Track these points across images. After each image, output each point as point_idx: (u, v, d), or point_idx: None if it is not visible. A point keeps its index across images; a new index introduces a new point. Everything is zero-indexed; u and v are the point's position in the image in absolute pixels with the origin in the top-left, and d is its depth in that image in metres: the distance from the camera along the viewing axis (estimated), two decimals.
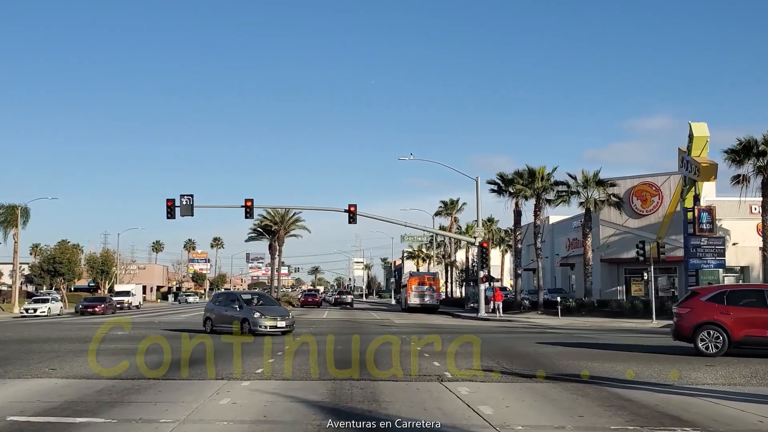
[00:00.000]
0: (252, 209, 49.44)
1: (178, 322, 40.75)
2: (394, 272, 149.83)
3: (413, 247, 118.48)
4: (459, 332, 30.04)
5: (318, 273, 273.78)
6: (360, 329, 32.82)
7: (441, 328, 34.03)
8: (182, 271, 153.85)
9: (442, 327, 35.62)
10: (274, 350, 18.99)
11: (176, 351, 19.25)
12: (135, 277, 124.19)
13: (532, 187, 51.96)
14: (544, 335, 28.34)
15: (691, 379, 13.82)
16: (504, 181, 54.29)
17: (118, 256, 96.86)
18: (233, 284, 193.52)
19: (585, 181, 49.79)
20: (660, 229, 52.29)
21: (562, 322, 42.05)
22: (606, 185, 50.01)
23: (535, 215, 52.87)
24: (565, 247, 64.59)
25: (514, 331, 31.88)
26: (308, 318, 46.76)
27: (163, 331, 30.94)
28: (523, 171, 52.71)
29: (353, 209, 49.62)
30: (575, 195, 50.82)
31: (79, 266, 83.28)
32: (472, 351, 19.45)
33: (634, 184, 53.94)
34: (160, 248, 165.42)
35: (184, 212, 48.99)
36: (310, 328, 33.33)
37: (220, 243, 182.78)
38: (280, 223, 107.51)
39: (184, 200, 49.04)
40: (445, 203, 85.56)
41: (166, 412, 9.82)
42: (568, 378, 13.61)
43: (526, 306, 52.25)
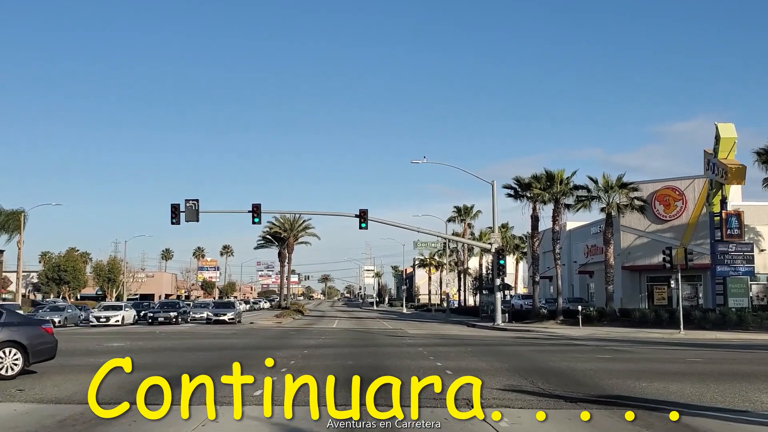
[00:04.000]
0: (259, 214, 47.61)
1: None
2: (405, 280, 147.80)
3: (423, 255, 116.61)
4: (480, 344, 28.05)
5: (328, 281, 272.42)
6: (373, 341, 30.83)
7: (459, 340, 32.05)
8: (191, 279, 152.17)
9: (460, 338, 33.63)
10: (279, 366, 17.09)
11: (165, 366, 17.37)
12: (143, 285, 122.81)
13: (551, 192, 49.90)
14: (572, 347, 26.34)
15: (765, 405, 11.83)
16: (521, 185, 52.25)
17: (125, 263, 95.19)
18: (243, 292, 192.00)
19: (606, 185, 47.68)
20: (684, 235, 50.14)
21: (584, 332, 40.02)
22: (629, 189, 47.90)
23: (553, 220, 50.81)
24: (584, 254, 62.46)
25: (537, 342, 29.85)
26: (317, 328, 44.81)
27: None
28: (541, 175, 50.68)
29: (364, 214, 47.75)
30: (596, 200, 48.72)
31: (85, 274, 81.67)
32: (501, 367, 17.49)
33: (657, 188, 51.83)
34: (170, 256, 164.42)
35: (189, 217, 47.24)
36: (318, 339, 31.28)
37: (229, 251, 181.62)
38: (289, 230, 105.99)
39: (189, 205, 47.28)
40: (459, 209, 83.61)
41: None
42: (620, 402, 11.65)
43: (544, 315, 50.13)
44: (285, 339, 31.33)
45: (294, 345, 26.11)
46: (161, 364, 17.69)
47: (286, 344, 26.71)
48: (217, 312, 47.74)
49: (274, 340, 30.36)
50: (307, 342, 28.79)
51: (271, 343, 28.03)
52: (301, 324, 51.44)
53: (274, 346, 25.86)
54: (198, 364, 18.16)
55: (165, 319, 46.36)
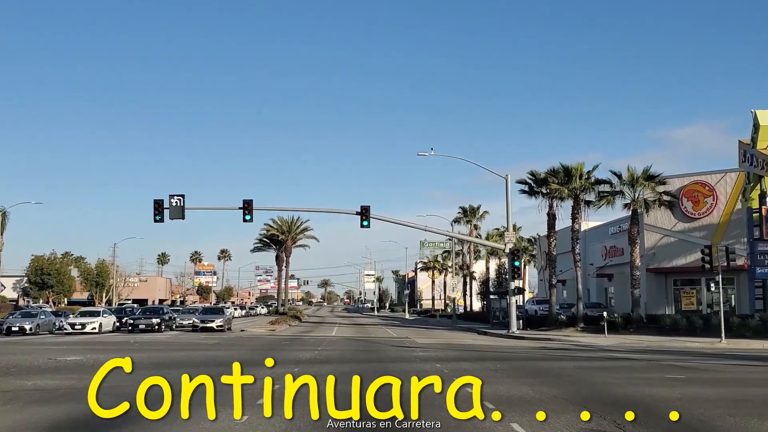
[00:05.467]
0: (251, 211, 43.32)
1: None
2: (407, 284, 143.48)
3: (427, 258, 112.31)
4: (507, 357, 23.74)
5: (328, 286, 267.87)
6: (378, 353, 26.49)
7: (478, 352, 27.74)
8: (186, 284, 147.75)
9: (478, 350, 29.32)
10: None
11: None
12: (135, 290, 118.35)
13: (569, 187, 45.66)
14: (619, 363, 22.09)
15: None
16: (536, 181, 48.02)
17: (114, 267, 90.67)
18: (240, 297, 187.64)
19: (632, 178, 43.40)
20: (715, 234, 45.79)
21: (612, 340, 35.79)
22: (656, 182, 43.61)
23: (573, 218, 46.54)
24: (601, 256, 58.11)
25: (573, 356, 25.48)
26: (314, 337, 40.45)
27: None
28: (558, 169, 46.45)
29: (366, 211, 43.51)
30: (619, 195, 44.49)
31: (71, 278, 77.27)
32: (555, 395, 13.19)
33: (684, 183, 47.45)
34: (166, 260, 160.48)
35: (173, 214, 42.98)
36: (314, 351, 26.90)
37: (227, 255, 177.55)
38: (287, 233, 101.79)
39: (173, 201, 43.04)
40: (464, 210, 79.29)
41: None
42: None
43: (562, 321, 45.78)
44: (275, 351, 27.03)
45: (284, 360, 21.79)
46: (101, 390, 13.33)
47: (274, 358, 22.28)
48: (204, 318, 43.40)
49: (262, 352, 25.97)
50: (300, 355, 24.47)
51: (256, 356, 23.62)
52: (297, 332, 47.15)
53: (258, 361, 21.32)
54: (155, 394, 13.86)
55: (146, 326, 42.02)
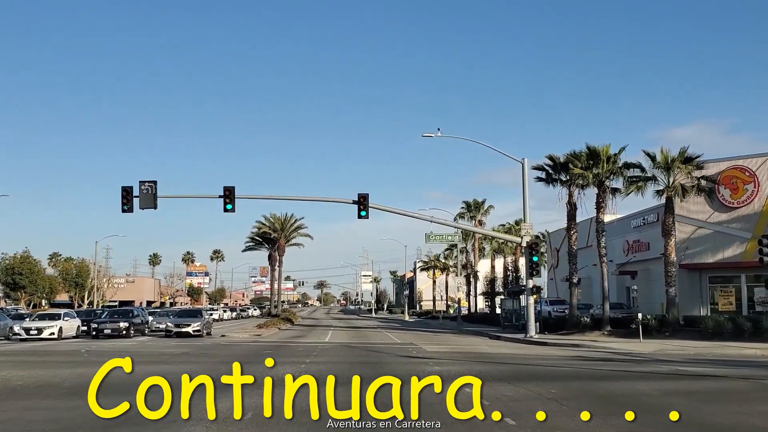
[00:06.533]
0: (233, 199, 38.05)
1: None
2: (406, 285, 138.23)
3: (429, 256, 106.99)
4: (548, 375, 18.45)
5: (324, 287, 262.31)
6: (382, 368, 21.12)
7: (504, 363, 22.45)
8: (176, 285, 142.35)
9: (502, 359, 24.02)
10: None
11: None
12: (121, 291, 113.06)
13: (593, 172, 40.44)
14: (702, 382, 16.89)
15: None
16: (555, 167, 42.81)
17: (95, 266, 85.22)
18: (234, 299, 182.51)
19: (666, 161, 38.19)
20: (756, 226, 40.61)
21: (650, 347, 30.60)
22: (693, 166, 38.40)
23: (597, 208, 41.25)
24: (623, 251, 52.82)
25: (630, 372, 20.20)
26: (303, 344, 35.05)
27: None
28: (581, 152, 41.21)
29: (364, 200, 38.30)
30: (651, 181, 39.27)
31: (45, 278, 71.79)
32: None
33: (721, 169, 42.07)
34: (158, 261, 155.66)
35: (144, 203, 37.73)
36: (300, 365, 21.53)
37: (220, 256, 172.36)
38: (280, 231, 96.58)
39: (144, 188, 37.77)
40: (468, 204, 74.18)
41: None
42: None
43: (585, 324, 40.50)
44: (251, 364, 21.57)
45: (257, 378, 16.36)
46: None
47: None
48: (178, 322, 37.97)
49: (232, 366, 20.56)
50: (281, 371, 19.00)
51: (225, 371, 18.23)
52: (287, 336, 41.84)
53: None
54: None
55: (112, 330, 36.70)
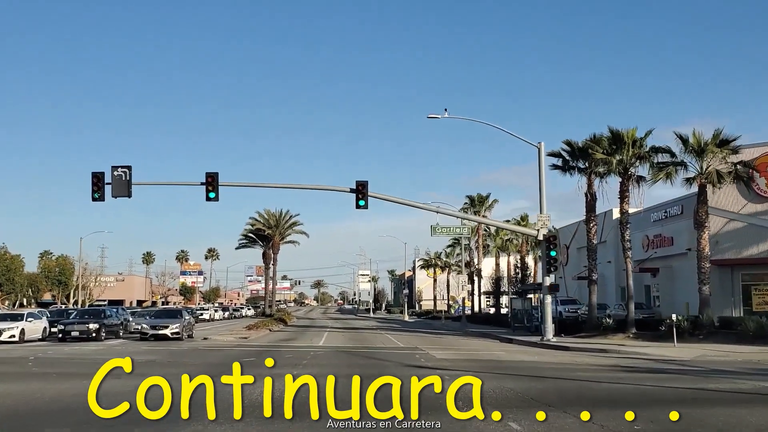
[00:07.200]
0: (216, 187, 34.07)
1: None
2: (405, 284, 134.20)
3: (428, 256, 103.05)
4: (608, 397, 14.47)
5: (321, 287, 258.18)
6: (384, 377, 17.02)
7: (535, 376, 18.48)
8: (169, 284, 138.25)
9: (531, 371, 20.03)
10: None
11: None
12: (110, 290, 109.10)
13: (617, 158, 36.48)
14: None
15: None
16: (572, 153, 38.86)
17: (80, 264, 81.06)
18: (229, 298, 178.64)
19: (699, 145, 34.25)
20: None
21: (688, 352, 26.69)
22: (728, 150, 34.43)
23: (621, 198, 37.21)
24: (642, 247, 48.90)
25: (699, 394, 16.24)
26: (293, 349, 30.79)
27: None
28: (601, 137, 37.22)
29: (362, 187, 34.36)
30: (681, 167, 35.34)
31: (23, 275, 67.70)
32: None
33: (755, 156, 38.12)
34: (151, 260, 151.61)
35: (117, 191, 33.82)
36: (281, 382, 17.33)
37: (215, 254, 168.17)
38: (274, 227, 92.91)
39: (117, 174, 33.80)
40: (472, 199, 70.28)
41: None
42: None
43: (608, 326, 36.51)
44: (225, 375, 17.55)
45: (221, 406, 12.40)
46: None
47: (197, 412, 13.02)
48: (155, 324, 33.84)
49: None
50: (254, 392, 14.76)
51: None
52: (276, 339, 37.82)
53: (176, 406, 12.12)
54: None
55: (81, 333, 32.71)
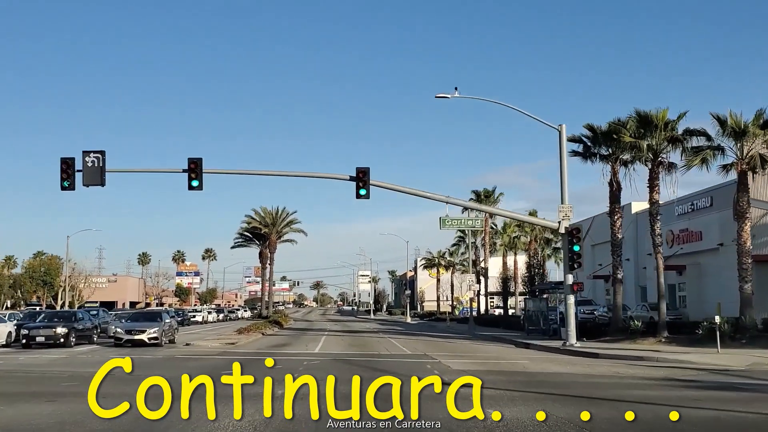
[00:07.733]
0: (199, 174, 30.47)
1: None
2: (406, 284, 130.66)
3: (431, 255, 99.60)
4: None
5: (321, 288, 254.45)
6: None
7: (567, 391, 14.90)
8: (163, 285, 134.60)
9: (563, 385, 16.41)
10: None
11: None
12: (101, 291, 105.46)
13: (646, 143, 32.84)
14: None
15: None
16: (595, 138, 35.23)
17: (68, 264, 77.32)
18: (226, 299, 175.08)
19: (738, 127, 30.60)
20: None
21: (737, 360, 23.16)
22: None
23: (650, 187, 33.52)
24: (666, 242, 45.23)
25: None
26: (284, 357, 26.88)
27: None
28: (629, 119, 33.63)
29: (363, 175, 30.76)
30: (718, 152, 31.73)
31: (3, 275, 64.07)
32: None
33: None
34: (147, 260, 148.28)
35: (88, 179, 30.34)
36: (253, 408, 13.59)
37: (212, 255, 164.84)
38: (271, 225, 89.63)
39: (89, 160, 30.22)
40: (478, 193, 66.65)
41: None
42: None
43: (636, 329, 32.85)
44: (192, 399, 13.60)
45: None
46: None
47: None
48: (130, 328, 29.99)
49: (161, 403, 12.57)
50: (223, 426, 10.83)
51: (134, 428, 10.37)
52: (268, 345, 34.14)
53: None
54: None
55: (47, 338, 29.07)
